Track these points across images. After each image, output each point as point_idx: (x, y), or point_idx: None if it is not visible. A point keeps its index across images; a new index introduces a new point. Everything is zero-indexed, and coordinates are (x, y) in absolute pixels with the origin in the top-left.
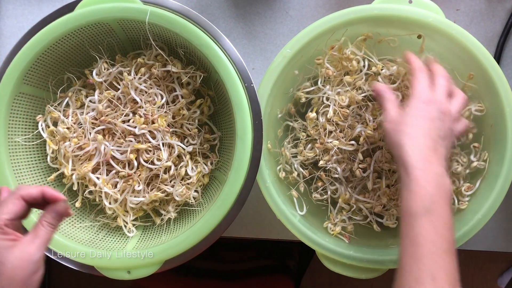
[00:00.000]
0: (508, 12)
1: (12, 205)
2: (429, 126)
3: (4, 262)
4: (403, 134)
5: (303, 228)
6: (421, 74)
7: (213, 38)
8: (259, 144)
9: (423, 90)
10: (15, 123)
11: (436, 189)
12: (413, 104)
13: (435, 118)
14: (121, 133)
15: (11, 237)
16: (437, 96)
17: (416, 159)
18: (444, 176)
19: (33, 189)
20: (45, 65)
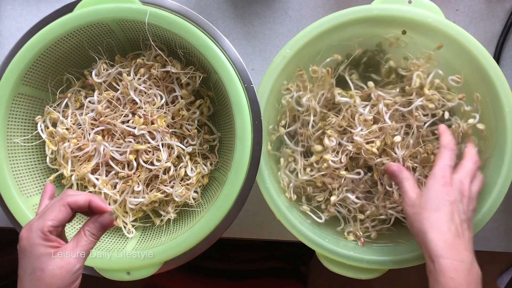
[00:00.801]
0: (508, 12)
1: (58, 212)
2: (450, 210)
3: (44, 269)
4: (424, 219)
5: (303, 229)
6: (446, 152)
7: (213, 39)
8: (259, 145)
9: (443, 171)
10: (14, 124)
11: (464, 279)
12: (431, 186)
13: (456, 200)
14: (120, 134)
15: (53, 244)
16: (460, 177)
17: (442, 247)
18: (473, 263)
19: (80, 198)
20: (44, 66)
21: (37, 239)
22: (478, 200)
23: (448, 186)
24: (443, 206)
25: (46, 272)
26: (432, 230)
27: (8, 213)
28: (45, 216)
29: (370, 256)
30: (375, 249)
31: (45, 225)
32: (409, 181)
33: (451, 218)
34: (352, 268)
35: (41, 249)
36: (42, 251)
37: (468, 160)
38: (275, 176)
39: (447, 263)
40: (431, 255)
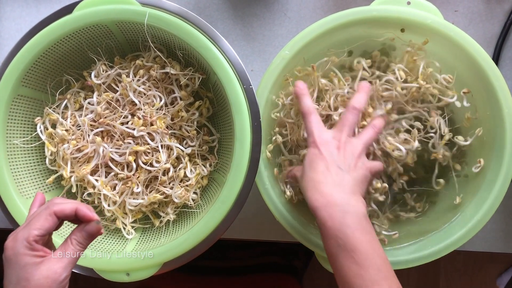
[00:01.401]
0: (507, 14)
1: (44, 221)
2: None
3: (30, 279)
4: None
5: (302, 230)
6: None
7: (212, 40)
8: (258, 146)
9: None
10: (13, 126)
11: (339, 221)
12: (307, 152)
13: (330, 154)
14: (119, 135)
15: (39, 253)
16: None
17: (316, 200)
18: (349, 204)
19: (67, 206)
20: (43, 67)
21: (22, 248)
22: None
23: (318, 147)
24: (315, 164)
25: (32, 282)
26: (308, 188)
27: (8, 214)
28: (30, 225)
29: None
30: None
31: (30, 234)
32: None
33: (324, 171)
34: None
35: (26, 258)
36: (27, 261)
37: (346, 112)
38: (274, 177)
39: (322, 213)
40: (312, 211)
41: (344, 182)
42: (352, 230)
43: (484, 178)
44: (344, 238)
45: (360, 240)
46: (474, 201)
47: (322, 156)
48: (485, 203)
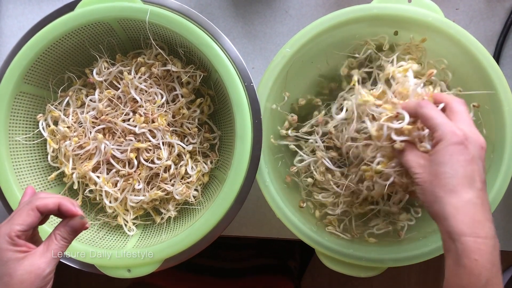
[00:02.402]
0: (508, 12)
1: (26, 216)
2: (469, 173)
3: (12, 275)
4: (439, 189)
5: (303, 227)
6: (431, 108)
7: (213, 38)
8: (259, 143)
9: (448, 127)
10: (15, 122)
11: (488, 259)
12: (443, 148)
13: (475, 158)
14: (121, 132)
15: (22, 248)
16: (467, 127)
17: (464, 222)
18: (496, 236)
19: (50, 201)
20: (45, 65)
21: (4, 244)
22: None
23: (464, 143)
24: (461, 169)
25: (14, 278)
26: (450, 201)
27: (10, 211)
28: (12, 220)
29: (370, 255)
30: (375, 248)
31: (12, 229)
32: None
33: (471, 182)
34: (351, 266)
35: (9, 254)
36: (9, 256)
37: (455, 103)
38: (275, 174)
39: (471, 242)
40: (451, 233)
41: (487, 204)
42: (497, 269)
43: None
44: (489, 278)
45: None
46: None
47: (469, 158)
48: None
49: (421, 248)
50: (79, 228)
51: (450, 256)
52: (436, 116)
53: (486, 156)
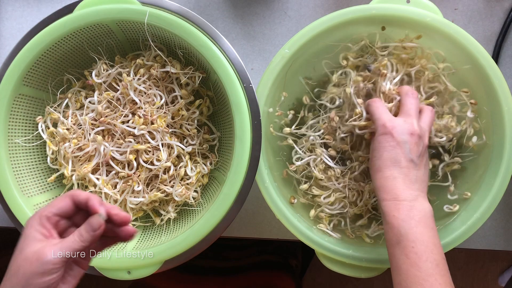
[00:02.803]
0: (506, 11)
1: (60, 201)
2: (393, 155)
3: (22, 250)
4: (372, 169)
5: (303, 228)
6: (375, 105)
7: (212, 39)
8: (258, 144)
9: (380, 122)
10: (15, 125)
11: (406, 214)
12: (375, 138)
13: (401, 143)
14: (120, 134)
15: (43, 231)
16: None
17: (385, 191)
18: (417, 200)
19: (83, 193)
20: (44, 67)
21: (34, 221)
22: (477, 197)
23: (388, 133)
24: (385, 153)
25: (22, 253)
26: (376, 177)
27: (9, 213)
28: (49, 204)
29: (369, 255)
30: (375, 248)
31: (46, 210)
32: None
33: (394, 162)
34: (351, 267)
35: (32, 230)
36: (30, 233)
37: (406, 97)
38: (275, 175)
39: (390, 204)
40: (379, 200)
41: (415, 179)
42: (416, 223)
43: (484, 175)
44: (407, 229)
45: (422, 233)
46: (474, 199)
47: (394, 143)
48: (484, 201)
49: None
50: (96, 226)
51: (382, 220)
52: (375, 112)
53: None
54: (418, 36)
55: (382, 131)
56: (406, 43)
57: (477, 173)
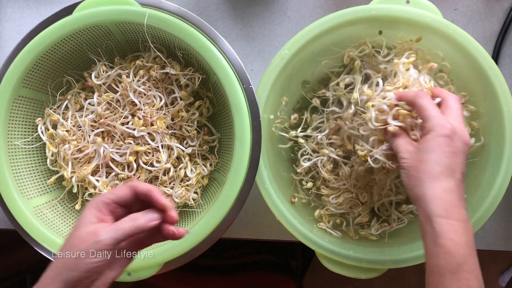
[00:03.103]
0: (506, 11)
1: (119, 190)
2: (452, 164)
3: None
4: (422, 174)
5: (303, 229)
6: (426, 100)
7: (211, 40)
8: (258, 145)
9: (440, 120)
10: (14, 126)
11: (464, 240)
12: (432, 138)
13: (459, 151)
14: (120, 136)
15: (99, 215)
16: (457, 123)
17: (441, 206)
18: (469, 221)
19: (144, 184)
20: (44, 68)
21: (92, 205)
22: (477, 197)
23: (451, 136)
24: (445, 159)
25: (77, 232)
26: (432, 186)
27: (9, 215)
28: (109, 191)
29: (370, 256)
30: (375, 249)
31: (104, 196)
32: (404, 136)
33: (452, 173)
34: (351, 268)
35: (88, 214)
36: (86, 216)
37: (451, 99)
38: (275, 176)
39: (447, 224)
40: (429, 215)
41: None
42: (471, 251)
43: (483, 175)
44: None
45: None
46: (473, 199)
47: (454, 150)
48: (484, 201)
49: (421, 249)
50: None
51: (428, 238)
52: (430, 108)
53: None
54: (418, 38)
55: (443, 132)
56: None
57: (476, 173)
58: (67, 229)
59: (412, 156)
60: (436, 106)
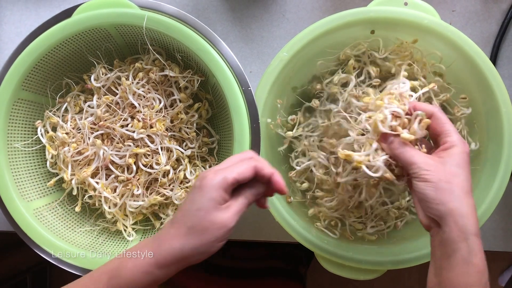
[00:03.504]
0: (504, 13)
1: (245, 170)
2: (471, 181)
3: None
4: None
5: (302, 230)
6: (443, 114)
7: (210, 42)
8: (257, 147)
9: (459, 136)
10: (14, 129)
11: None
12: (458, 153)
13: (468, 167)
14: (119, 138)
15: (225, 196)
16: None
17: (475, 222)
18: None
19: (268, 168)
20: (43, 71)
21: (218, 183)
22: (476, 198)
23: (467, 153)
24: (469, 176)
25: (208, 215)
26: (468, 202)
27: (9, 217)
28: (232, 168)
29: (369, 257)
30: (374, 250)
31: (231, 175)
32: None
33: (469, 186)
34: (351, 269)
35: (216, 193)
36: (215, 196)
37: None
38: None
39: (479, 243)
40: (466, 232)
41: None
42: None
43: (482, 176)
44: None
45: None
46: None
47: (467, 166)
48: (483, 202)
49: (421, 250)
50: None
51: (459, 255)
52: (449, 122)
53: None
54: (414, 40)
55: (466, 149)
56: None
57: (475, 174)
58: (67, 231)
59: (437, 170)
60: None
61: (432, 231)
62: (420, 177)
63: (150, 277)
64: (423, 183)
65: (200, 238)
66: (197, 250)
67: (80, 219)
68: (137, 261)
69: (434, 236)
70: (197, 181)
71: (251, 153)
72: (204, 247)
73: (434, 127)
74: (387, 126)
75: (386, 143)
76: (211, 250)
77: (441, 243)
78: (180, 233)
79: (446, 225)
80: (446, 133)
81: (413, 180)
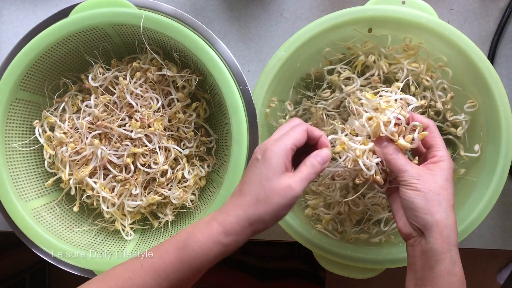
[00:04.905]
0: (502, 11)
1: (298, 134)
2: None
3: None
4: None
5: (300, 230)
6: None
7: (208, 42)
8: (255, 146)
9: (447, 152)
10: (11, 129)
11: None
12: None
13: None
14: (117, 138)
15: (287, 163)
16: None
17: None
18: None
19: (317, 130)
20: (41, 71)
21: (281, 151)
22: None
23: (453, 167)
24: (452, 188)
25: (271, 183)
26: (451, 215)
27: (7, 217)
28: (288, 135)
29: (367, 256)
30: (372, 249)
31: (290, 142)
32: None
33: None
34: (349, 268)
35: (280, 161)
36: (277, 163)
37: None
38: None
39: (458, 254)
40: (450, 243)
41: None
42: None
43: (480, 174)
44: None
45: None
46: (470, 198)
47: (452, 181)
48: (481, 200)
49: None
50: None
51: (442, 266)
52: (440, 137)
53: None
54: (418, 43)
55: (452, 165)
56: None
57: (473, 172)
58: (65, 231)
59: (428, 181)
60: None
61: (412, 240)
62: (411, 186)
63: (219, 247)
64: (413, 191)
65: (267, 206)
66: (266, 216)
67: (78, 219)
68: (205, 232)
69: (414, 246)
70: (258, 154)
71: (298, 120)
72: (271, 214)
73: (427, 140)
74: (388, 130)
75: (379, 147)
76: (280, 216)
77: (423, 253)
78: (248, 202)
79: (430, 236)
80: (436, 147)
81: (402, 188)
